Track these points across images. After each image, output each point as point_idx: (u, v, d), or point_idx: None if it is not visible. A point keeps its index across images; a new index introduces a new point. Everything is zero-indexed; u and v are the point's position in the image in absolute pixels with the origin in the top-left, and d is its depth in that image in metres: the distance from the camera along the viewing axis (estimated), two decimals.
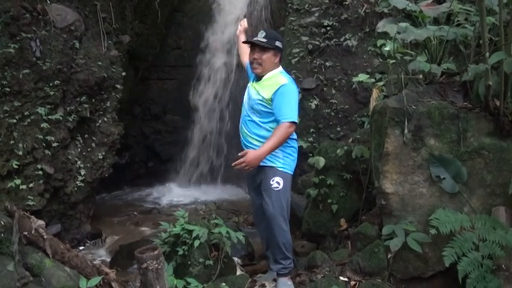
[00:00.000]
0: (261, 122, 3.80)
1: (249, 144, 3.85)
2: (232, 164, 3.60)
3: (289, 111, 3.63)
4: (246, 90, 4.03)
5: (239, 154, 3.60)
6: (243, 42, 4.25)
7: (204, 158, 8.82)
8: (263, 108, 3.76)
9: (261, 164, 3.68)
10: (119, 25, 7.02)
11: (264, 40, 3.79)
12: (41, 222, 2.91)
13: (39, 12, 5.72)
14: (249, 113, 3.88)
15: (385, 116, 3.75)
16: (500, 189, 3.67)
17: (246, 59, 4.28)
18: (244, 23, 4.64)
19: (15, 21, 5.49)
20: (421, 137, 3.70)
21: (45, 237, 2.91)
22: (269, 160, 3.73)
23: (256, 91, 3.82)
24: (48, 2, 5.89)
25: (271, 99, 3.70)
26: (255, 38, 3.84)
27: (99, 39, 6.42)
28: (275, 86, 3.71)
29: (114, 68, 6.46)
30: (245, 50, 4.37)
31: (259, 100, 3.77)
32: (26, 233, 2.85)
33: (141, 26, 8.14)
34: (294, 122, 3.62)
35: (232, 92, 8.75)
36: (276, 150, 3.69)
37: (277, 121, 3.69)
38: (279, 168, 3.77)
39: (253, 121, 3.84)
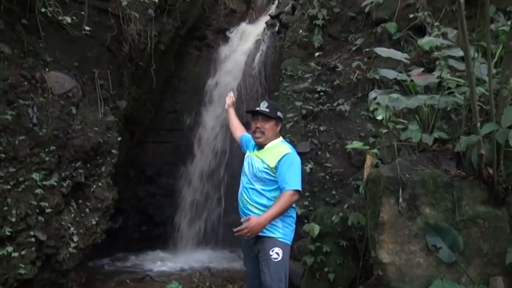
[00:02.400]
0: (263, 190, 3.79)
1: (248, 212, 3.82)
2: (234, 230, 3.56)
3: (293, 180, 3.63)
4: (246, 159, 4.03)
5: (242, 220, 3.58)
6: (247, 111, 4.26)
7: (199, 222, 8.74)
8: (267, 176, 3.78)
9: (260, 233, 3.65)
10: (116, 91, 7.14)
11: (267, 110, 3.87)
12: None
13: (37, 80, 5.83)
14: (251, 181, 3.87)
15: (379, 185, 3.77)
16: (497, 258, 3.63)
17: (238, 133, 4.33)
18: (231, 96, 4.69)
19: (13, 89, 5.58)
20: (416, 205, 3.70)
21: None
22: (268, 230, 3.69)
23: (260, 159, 3.84)
24: (47, 70, 6.01)
25: (276, 168, 3.73)
26: (257, 108, 3.91)
27: (96, 105, 6.51)
28: (279, 154, 3.75)
29: (110, 133, 6.51)
30: (236, 124, 4.43)
31: (265, 168, 3.78)
32: None
33: (138, 91, 8.29)
34: (297, 191, 3.63)
35: (228, 157, 8.79)
36: (275, 220, 3.67)
37: (279, 189, 3.70)
38: (279, 239, 3.72)
39: (255, 189, 3.83)
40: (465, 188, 3.75)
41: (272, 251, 3.67)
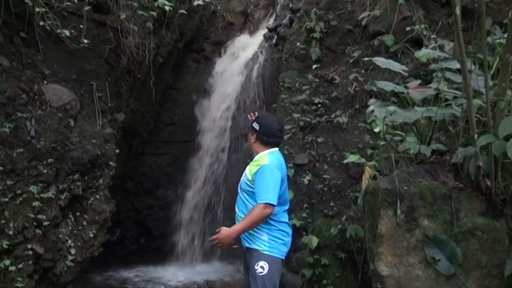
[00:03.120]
0: (248, 202, 3.79)
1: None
2: (208, 239, 3.59)
3: (265, 193, 3.58)
4: None
5: (215, 230, 3.60)
6: None
7: (197, 234, 8.69)
8: (248, 188, 3.78)
9: (247, 246, 3.68)
10: (115, 103, 7.15)
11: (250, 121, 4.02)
12: None
13: (35, 92, 5.85)
14: (239, 193, 3.93)
15: (377, 197, 3.77)
16: (496, 270, 3.63)
17: None
18: None
19: (11, 102, 5.59)
20: (414, 217, 3.70)
21: None
22: (254, 242, 3.68)
23: (245, 172, 3.89)
24: (45, 82, 6.03)
25: (253, 180, 3.73)
26: None
27: (94, 118, 6.51)
28: (257, 166, 3.74)
29: (108, 145, 6.51)
30: None
31: (246, 180, 3.81)
32: None
33: (137, 103, 8.30)
34: (270, 204, 3.56)
35: (227, 169, 8.76)
36: (260, 233, 3.67)
37: None
38: (263, 252, 3.67)
39: (242, 201, 3.85)
40: (463, 199, 3.76)
41: (257, 265, 3.65)
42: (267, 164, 3.71)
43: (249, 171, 3.80)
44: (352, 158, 4.53)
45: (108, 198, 6.52)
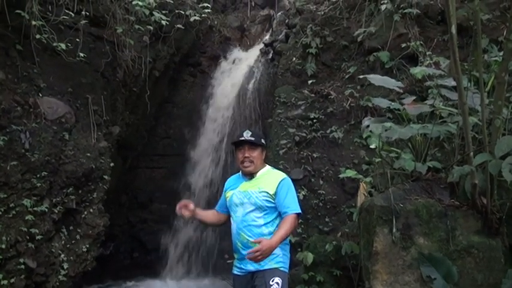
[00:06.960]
0: (264, 222, 3.66)
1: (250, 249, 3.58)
2: (247, 253, 3.47)
3: (294, 203, 3.62)
4: (233, 196, 3.83)
5: (253, 241, 3.52)
6: (232, 143, 4.01)
7: (191, 249, 8.63)
8: (268, 204, 3.67)
9: (259, 268, 3.57)
10: (110, 116, 7.14)
11: (253, 138, 3.80)
12: None
13: (30, 105, 5.83)
14: (251, 216, 3.71)
15: (372, 214, 3.75)
16: None
17: (213, 214, 4.08)
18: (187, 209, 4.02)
19: (6, 114, 5.57)
20: (409, 235, 3.67)
21: None
22: (266, 262, 3.61)
23: (257, 188, 3.73)
24: (40, 95, 6.01)
25: (275, 194, 3.67)
26: (241, 138, 3.79)
27: (89, 131, 6.50)
28: (276, 180, 3.70)
29: (103, 159, 6.48)
30: (207, 214, 4.11)
31: (264, 196, 3.67)
32: None
33: (132, 117, 8.29)
34: (299, 214, 3.61)
35: (220, 183, 8.73)
36: (276, 249, 3.61)
37: (280, 217, 3.65)
38: (279, 268, 3.66)
39: (256, 225, 3.68)
40: (459, 217, 3.74)
41: (272, 281, 3.57)
42: (287, 177, 3.74)
43: (266, 186, 3.69)
44: (348, 173, 4.52)
45: (102, 212, 6.47)
